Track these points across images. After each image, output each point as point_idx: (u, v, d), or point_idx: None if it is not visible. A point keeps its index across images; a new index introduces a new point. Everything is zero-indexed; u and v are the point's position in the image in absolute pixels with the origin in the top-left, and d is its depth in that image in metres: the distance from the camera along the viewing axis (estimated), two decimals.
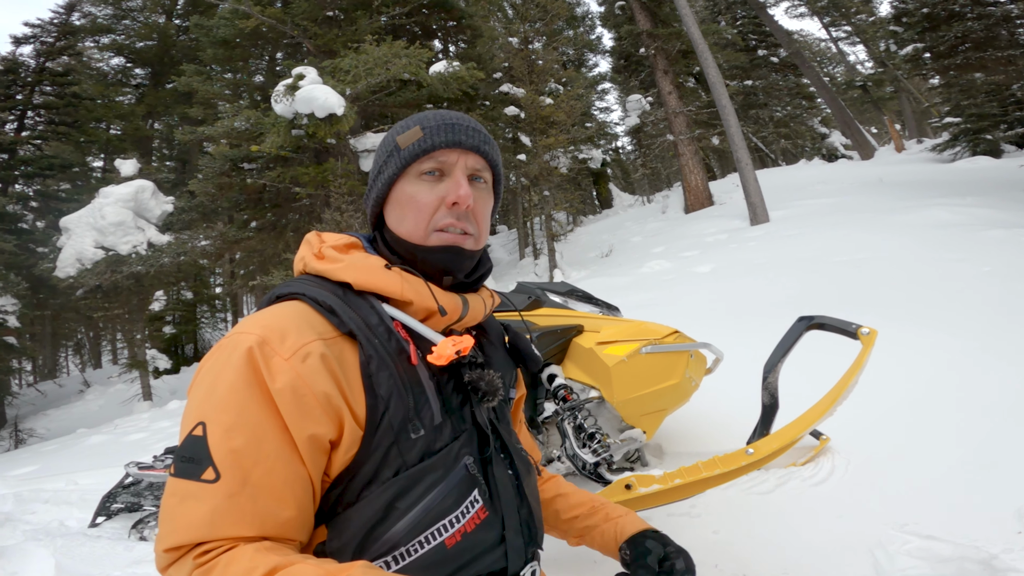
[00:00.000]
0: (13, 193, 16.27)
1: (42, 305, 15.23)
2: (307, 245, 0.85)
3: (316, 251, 0.83)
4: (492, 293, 0.96)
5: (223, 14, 10.88)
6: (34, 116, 18.02)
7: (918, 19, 11.00)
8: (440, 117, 0.85)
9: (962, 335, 2.97)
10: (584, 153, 19.66)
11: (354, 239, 0.86)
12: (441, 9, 12.66)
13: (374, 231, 0.91)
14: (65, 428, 11.64)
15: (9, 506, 3.40)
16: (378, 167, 0.87)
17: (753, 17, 21.22)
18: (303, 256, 0.84)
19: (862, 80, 20.34)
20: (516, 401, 1.07)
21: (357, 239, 0.87)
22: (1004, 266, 4.10)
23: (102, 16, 19.82)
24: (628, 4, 14.81)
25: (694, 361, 2.25)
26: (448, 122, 0.84)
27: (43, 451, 7.48)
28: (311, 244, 0.84)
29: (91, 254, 11.24)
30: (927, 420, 2.20)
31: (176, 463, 0.65)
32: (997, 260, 4.29)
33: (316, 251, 0.83)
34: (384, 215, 0.88)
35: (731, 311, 4.65)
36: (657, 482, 1.51)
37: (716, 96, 10.27)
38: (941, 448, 1.98)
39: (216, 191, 10.53)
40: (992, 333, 2.93)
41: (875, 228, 6.43)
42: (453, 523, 0.72)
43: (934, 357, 2.77)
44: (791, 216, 8.90)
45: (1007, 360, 2.57)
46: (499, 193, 0.94)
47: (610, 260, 10.96)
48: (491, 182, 0.90)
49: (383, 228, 0.88)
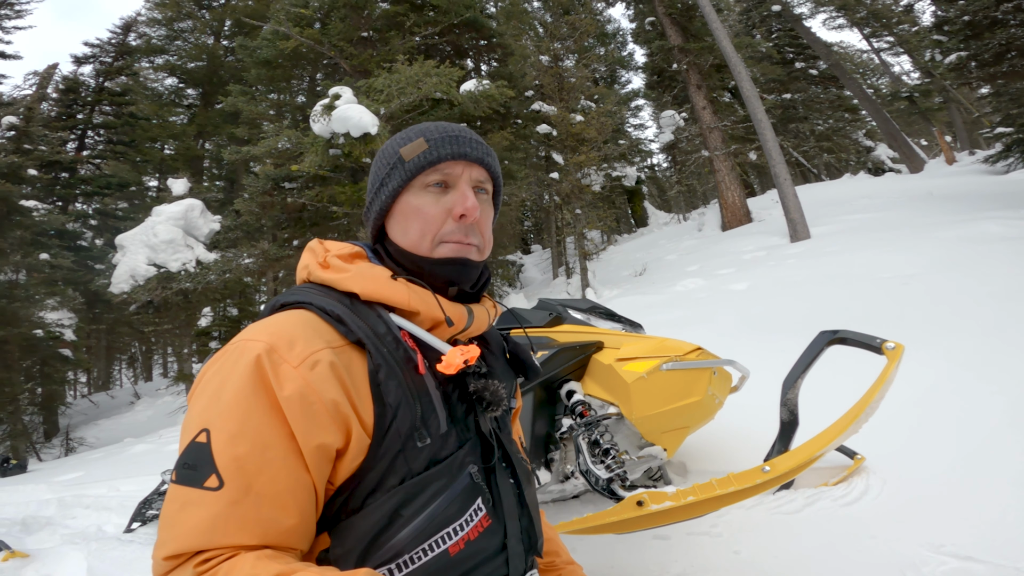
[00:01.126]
0: (73, 211, 17.24)
1: (97, 320, 16.03)
2: (311, 253, 0.85)
3: (321, 260, 0.83)
4: (495, 303, 0.96)
5: (265, 35, 11.39)
6: (94, 135, 19.10)
7: (960, 27, 10.59)
8: (443, 129, 0.86)
9: (1014, 353, 2.80)
10: (618, 171, 19.59)
11: (358, 248, 0.86)
12: (472, 28, 12.92)
13: (376, 243, 0.91)
14: (114, 437, 12.16)
15: (52, 510, 3.55)
16: (380, 179, 0.86)
17: (789, 30, 20.87)
18: (307, 264, 0.84)
19: (908, 91, 19.60)
20: (514, 412, 1.07)
21: (361, 248, 0.87)
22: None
23: (156, 37, 20.80)
24: (658, 20, 14.80)
25: (718, 378, 2.18)
26: (452, 134, 0.85)
27: (89, 458, 7.83)
28: (315, 253, 0.84)
29: (144, 271, 11.76)
30: (972, 440, 2.10)
31: (178, 469, 0.65)
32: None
33: (321, 260, 0.83)
34: (386, 227, 0.87)
35: (766, 329, 4.50)
36: (670, 499, 1.47)
37: (751, 110, 10.10)
38: (982, 468, 1.89)
39: (259, 210, 10.92)
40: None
41: (923, 243, 6.14)
42: (457, 531, 0.72)
43: (982, 374, 2.63)
44: (834, 232, 8.61)
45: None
46: (498, 204, 0.95)
47: (643, 279, 10.81)
48: (491, 193, 0.91)
49: (384, 240, 0.88)
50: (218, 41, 21.23)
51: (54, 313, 13.33)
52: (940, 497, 1.77)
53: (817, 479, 2.06)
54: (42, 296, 12.99)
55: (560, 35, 13.37)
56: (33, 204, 14.24)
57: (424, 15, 12.07)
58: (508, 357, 1.00)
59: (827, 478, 2.05)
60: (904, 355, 1.67)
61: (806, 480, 2.08)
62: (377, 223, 0.88)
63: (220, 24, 21.22)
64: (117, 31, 20.30)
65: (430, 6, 12.17)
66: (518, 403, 1.07)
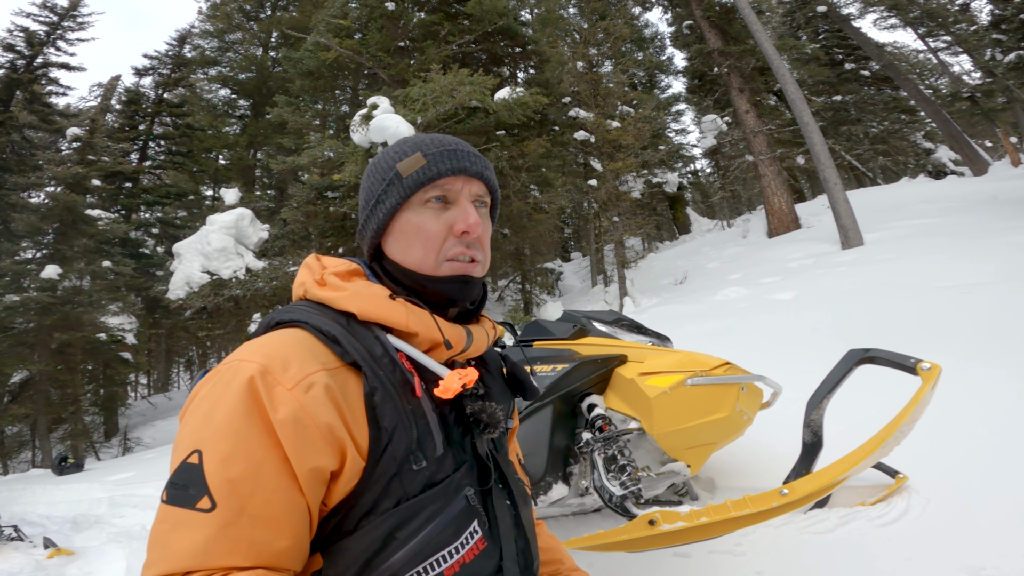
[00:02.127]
0: (136, 220, 18.18)
1: (157, 324, 16.83)
2: (307, 270, 0.83)
3: (318, 277, 0.81)
4: (493, 325, 0.95)
5: (307, 46, 11.81)
6: (154, 146, 20.13)
7: (1017, 25, 9.99)
8: (439, 142, 0.84)
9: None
10: (659, 177, 19.27)
11: (356, 266, 0.85)
12: (507, 36, 13.00)
13: (372, 260, 0.89)
14: (169, 438, 12.76)
15: (103, 509, 3.73)
16: (375, 195, 0.84)
17: (837, 31, 20.07)
18: (303, 281, 0.82)
19: (969, 91, 18.49)
20: (511, 431, 1.06)
21: (359, 266, 0.85)
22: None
23: (209, 48, 21.83)
24: (696, 23, 14.51)
25: (746, 394, 2.10)
26: (449, 148, 0.83)
27: (143, 458, 8.22)
28: (312, 269, 0.83)
29: (198, 278, 12.30)
30: (1017, 460, 1.94)
31: (168, 490, 0.64)
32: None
33: (318, 277, 0.81)
34: (383, 245, 0.86)
35: (810, 342, 4.31)
36: (683, 519, 1.41)
37: (797, 113, 9.75)
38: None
39: (305, 219, 11.29)
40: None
41: (987, 250, 5.74)
42: (452, 554, 0.71)
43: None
44: (889, 238, 8.19)
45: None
46: (495, 217, 0.94)
47: (683, 287, 10.56)
48: (489, 206, 0.90)
49: (382, 258, 0.86)
50: (266, 53, 22.00)
51: (116, 318, 14.00)
52: (984, 520, 1.66)
53: (853, 498, 1.95)
54: (105, 301, 13.67)
55: (595, 41, 13.31)
56: (97, 213, 15.07)
57: (459, 24, 12.25)
58: (506, 376, 0.98)
59: (864, 497, 1.95)
60: (940, 376, 1.56)
61: (841, 499, 1.98)
62: (374, 241, 0.86)
63: (267, 36, 22.03)
64: (173, 43, 21.32)
65: (464, 15, 12.34)
66: (515, 423, 1.05)
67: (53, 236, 13.94)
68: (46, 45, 17.24)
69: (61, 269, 13.09)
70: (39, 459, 13.43)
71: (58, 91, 17.60)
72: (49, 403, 13.00)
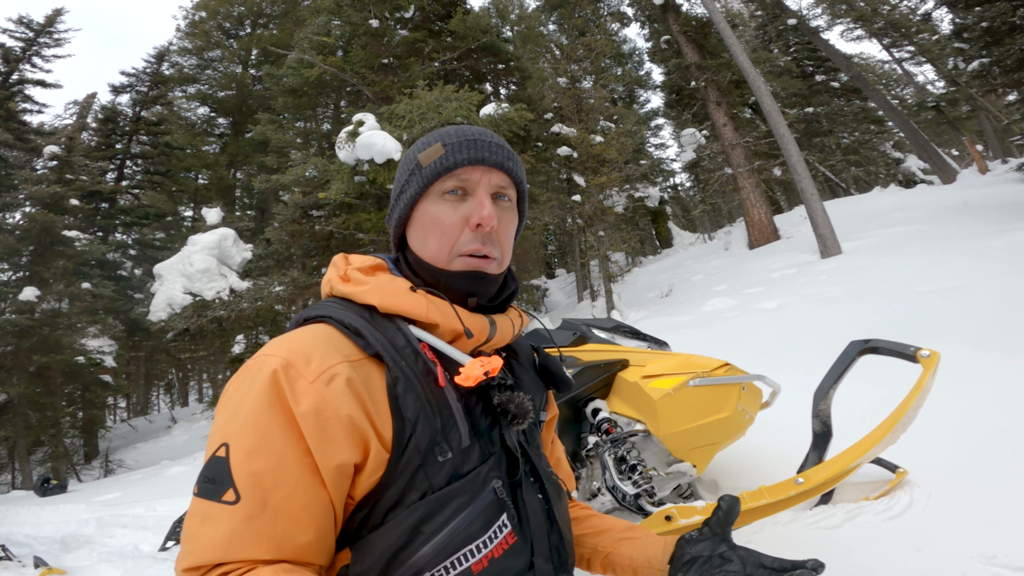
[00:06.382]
0: (113, 241, 17.86)
1: (137, 347, 16.51)
2: (334, 268, 0.84)
3: (342, 273, 0.82)
4: (521, 313, 0.93)
5: (290, 63, 11.82)
6: (132, 165, 19.78)
7: (979, 33, 10.45)
8: (461, 133, 0.83)
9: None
10: (640, 191, 19.54)
11: (379, 261, 0.86)
12: (489, 53, 13.17)
13: (398, 252, 0.90)
14: (152, 460, 12.44)
15: (91, 529, 3.64)
16: (400, 186, 0.85)
17: (807, 43, 20.77)
18: (330, 279, 0.83)
19: (934, 100, 19.19)
20: (548, 422, 1.04)
21: (383, 261, 0.86)
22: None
23: (188, 66, 21.71)
24: (674, 38, 14.91)
25: (747, 394, 2.15)
26: (470, 138, 0.82)
27: (128, 480, 8.00)
28: (337, 267, 0.84)
29: (180, 299, 12.07)
30: (1019, 451, 2.01)
31: (199, 483, 0.65)
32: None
33: (342, 273, 0.82)
34: (407, 235, 0.86)
35: (799, 346, 4.40)
36: (699, 513, 1.43)
37: (773, 125, 10.03)
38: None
39: (289, 238, 11.20)
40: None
41: (962, 255, 5.94)
42: (480, 548, 0.70)
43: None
44: (866, 247, 8.43)
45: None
46: (524, 211, 0.92)
47: (670, 300, 10.68)
48: (515, 200, 0.88)
49: (406, 249, 0.87)
50: (246, 70, 21.93)
51: (95, 340, 13.77)
52: (990, 509, 1.69)
53: (857, 493, 1.99)
54: (84, 324, 13.43)
55: (576, 57, 13.55)
56: (75, 234, 14.76)
57: (442, 41, 12.40)
58: (538, 369, 0.98)
59: (867, 492, 1.98)
60: (940, 363, 1.62)
61: (845, 494, 2.01)
62: (398, 232, 0.88)
63: (247, 53, 21.96)
64: (151, 60, 21.10)
65: (447, 32, 12.50)
66: (550, 414, 1.04)
67: (30, 257, 13.66)
68: (22, 61, 16.96)
69: (39, 291, 12.84)
70: (19, 481, 13.15)
71: (33, 108, 17.28)
72: (28, 425, 12.78)
